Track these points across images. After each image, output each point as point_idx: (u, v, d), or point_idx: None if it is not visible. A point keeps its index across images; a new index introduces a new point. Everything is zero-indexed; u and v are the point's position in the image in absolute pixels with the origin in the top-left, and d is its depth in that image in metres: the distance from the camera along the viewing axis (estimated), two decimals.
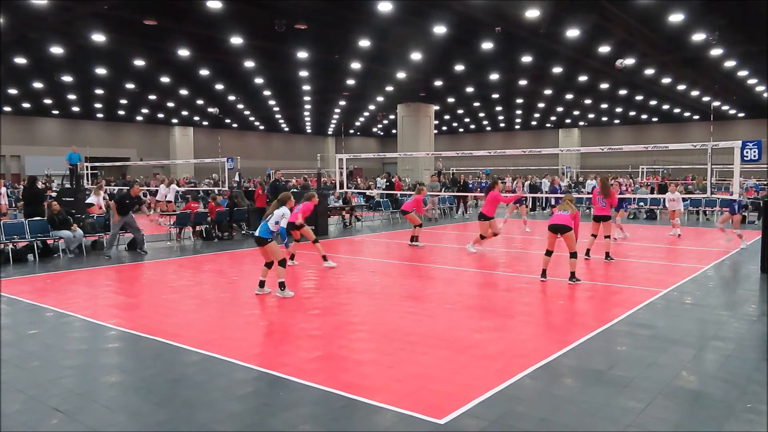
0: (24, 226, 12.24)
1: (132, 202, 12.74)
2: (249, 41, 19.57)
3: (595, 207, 11.58)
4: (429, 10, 16.33)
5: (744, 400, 4.55)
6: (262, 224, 8.33)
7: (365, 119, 48.05)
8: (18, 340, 6.31)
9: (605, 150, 13.86)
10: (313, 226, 15.85)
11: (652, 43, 20.09)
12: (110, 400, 4.67)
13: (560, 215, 9.19)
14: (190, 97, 33.53)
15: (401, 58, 22.51)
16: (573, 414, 4.28)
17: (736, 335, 6.33)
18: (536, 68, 25.01)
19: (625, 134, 50.77)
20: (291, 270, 10.88)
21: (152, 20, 16.60)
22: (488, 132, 59.20)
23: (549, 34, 18.28)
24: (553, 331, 6.46)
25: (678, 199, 15.83)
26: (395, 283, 9.49)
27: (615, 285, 9.16)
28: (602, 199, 11.27)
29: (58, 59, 21.97)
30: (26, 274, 10.60)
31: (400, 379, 5.00)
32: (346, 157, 15.79)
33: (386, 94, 32.46)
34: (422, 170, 32.94)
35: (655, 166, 39.25)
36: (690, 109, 40.57)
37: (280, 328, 6.66)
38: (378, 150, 60.70)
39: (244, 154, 31.72)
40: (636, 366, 5.30)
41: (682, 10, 16.12)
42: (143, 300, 8.49)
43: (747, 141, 10.15)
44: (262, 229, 8.27)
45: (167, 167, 44.50)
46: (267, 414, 4.33)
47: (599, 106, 40.11)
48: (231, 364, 5.40)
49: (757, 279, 9.54)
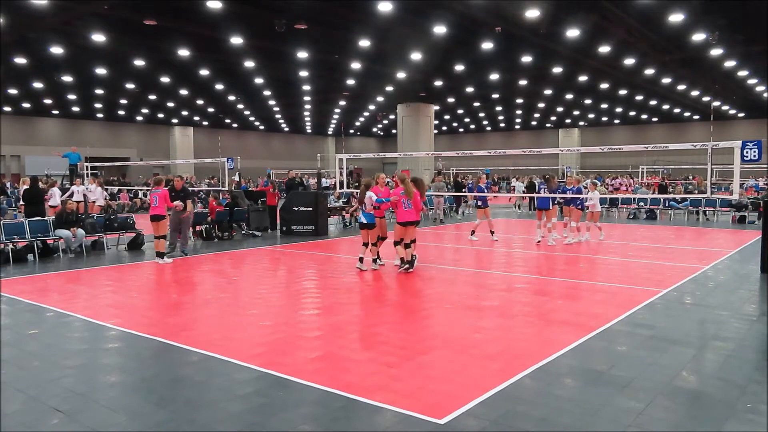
0: (24, 226, 12.25)
1: (177, 196, 12.21)
2: (249, 41, 19.56)
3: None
4: (429, 10, 16.33)
5: (744, 400, 4.55)
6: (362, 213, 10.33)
7: (365, 119, 48.02)
8: (18, 340, 6.31)
9: (605, 150, 13.84)
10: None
11: (652, 43, 20.08)
12: (110, 400, 4.67)
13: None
14: (190, 97, 33.52)
15: (401, 58, 22.49)
16: (573, 414, 4.28)
17: (736, 335, 6.33)
18: (536, 68, 25.01)
19: (625, 134, 50.75)
20: (289, 270, 10.89)
21: (152, 20, 16.60)
22: (488, 132, 59.19)
23: (549, 34, 18.27)
24: (553, 331, 6.46)
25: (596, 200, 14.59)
26: (395, 283, 9.48)
27: (615, 285, 9.16)
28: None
29: (58, 59, 21.96)
30: (26, 274, 10.61)
31: (400, 378, 5.00)
32: (346, 157, 15.78)
33: (386, 94, 32.45)
34: (422, 170, 32.92)
35: (655, 166, 39.26)
36: (690, 109, 40.55)
37: (280, 328, 6.66)
38: (378, 150, 60.66)
39: (244, 154, 31.75)
40: (636, 366, 5.30)
41: (682, 10, 16.11)
42: (143, 300, 8.49)
43: (747, 141, 10.14)
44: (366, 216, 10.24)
45: (167, 167, 44.47)
46: (267, 414, 4.33)
47: (599, 106, 40.09)
48: (231, 364, 5.40)
49: (757, 279, 9.54)
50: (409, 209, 10.10)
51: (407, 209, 10.10)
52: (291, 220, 16.17)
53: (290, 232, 16.09)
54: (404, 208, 10.11)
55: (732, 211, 20.01)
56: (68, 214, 12.59)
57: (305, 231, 15.95)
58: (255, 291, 8.90)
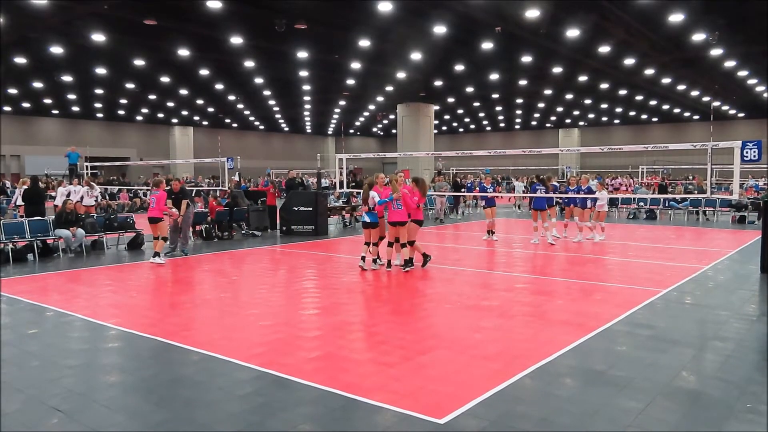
0: (24, 226, 12.25)
1: (177, 198, 12.26)
2: (249, 41, 19.57)
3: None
4: (429, 10, 16.33)
5: (743, 400, 4.55)
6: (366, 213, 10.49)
7: (365, 119, 48.03)
8: (18, 340, 6.30)
9: (605, 150, 13.84)
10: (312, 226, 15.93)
11: (652, 43, 20.09)
12: (110, 399, 4.67)
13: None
14: (190, 97, 33.53)
15: (401, 58, 22.50)
16: (573, 414, 4.28)
17: (736, 335, 6.33)
18: (536, 68, 25.01)
19: (625, 134, 50.76)
20: (289, 270, 10.89)
21: (152, 20, 16.61)
22: (488, 132, 59.20)
23: (549, 34, 18.27)
24: (552, 331, 6.46)
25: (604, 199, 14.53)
26: (394, 283, 9.48)
27: (615, 285, 9.16)
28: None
29: (58, 59, 21.97)
30: (26, 273, 10.61)
31: (400, 378, 5.00)
32: (346, 157, 15.78)
33: (386, 94, 32.46)
34: (422, 170, 32.93)
35: (655, 166, 39.25)
36: (690, 109, 40.56)
37: (280, 327, 6.66)
38: (378, 150, 60.64)
39: (243, 154, 31.75)
40: (636, 366, 5.30)
41: (682, 11, 16.12)
42: (143, 299, 8.49)
43: (747, 141, 10.14)
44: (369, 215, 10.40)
45: (167, 167, 44.48)
46: (267, 414, 4.33)
47: (599, 106, 40.10)
48: (231, 364, 5.40)
49: (757, 279, 9.54)
50: (398, 209, 10.14)
51: (396, 209, 10.16)
52: (291, 220, 16.17)
53: (290, 231, 16.09)
54: (393, 209, 10.18)
55: (732, 211, 20.01)
56: (68, 214, 12.59)
57: (305, 231, 15.95)
58: (255, 291, 8.90)
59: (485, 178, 15.82)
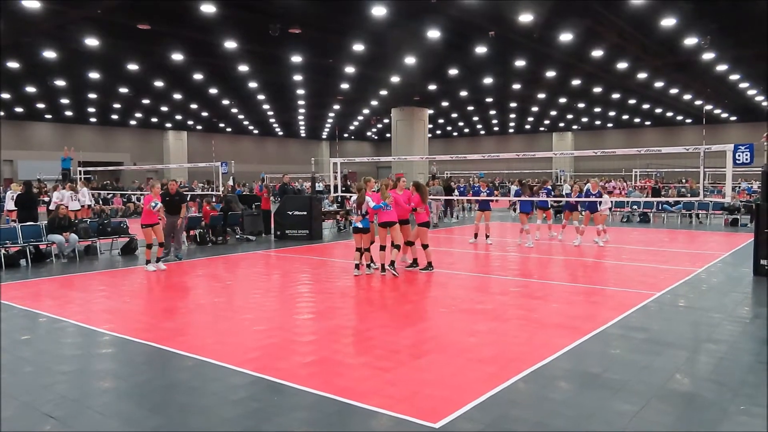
0: (17, 231, 12.18)
1: (173, 201, 12.15)
2: (243, 45, 19.55)
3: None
4: (423, 14, 16.37)
5: (737, 402, 4.57)
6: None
7: (359, 123, 48.05)
8: (11, 346, 6.26)
9: (599, 153, 13.90)
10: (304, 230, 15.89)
11: (644, 47, 20.20)
12: (104, 405, 4.64)
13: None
14: (183, 101, 33.46)
15: (395, 63, 22.54)
16: (567, 417, 4.29)
17: (729, 338, 6.36)
18: (530, 72, 25.10)
19: (618, 138, 50.96)
20: (283, 274, 10.87)
21: (146, 24, 16.57)
22: (482, 135, 59.31)
23: (542, 38, 18.35)
24: (547, 335, 6.47)
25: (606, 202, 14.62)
26: (389, 287, 9.48)
27: (608, 288, 9.19)
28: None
29: (51, 63, 21.88)
30: (19, 279, 10.54)
31: (395, 383, 5.00)
32: (340, 161, 15.77)
33: (380, 98, 32.49)
34: (416, 174, 32.96)
35: (648, 169, 39.40)
36: (683, 113, 40.75)
37: (275, 332, 6.64)
38: (372, 154, 60.67)
39: (238, 159, 31.68)
40: (630, 369, 5.32)
41: (674, 15, 16.23)
42: (137, 305, 8.46)
43: (739, 144, 10.22)
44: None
45: (161, 171, 44.35)
46: (261, 419, 4.32)
47: (592, 110, 40.25)
48: (225, 369, 5.38)
49: (750, 281, 9.59)
50: (386, 210, 10.19)
51: (385, 210, 10.21)
52: (285, 225, 16.15)
53: (284, 236, 16.07)
54: (382, 210, 10.24)
55: (725, 214, 20.12)
56: (60, 219, 12.53)
57: (299, 235, 15.93)
58: (249, 295, 8.88)
59: (479, 181, 15.84)
